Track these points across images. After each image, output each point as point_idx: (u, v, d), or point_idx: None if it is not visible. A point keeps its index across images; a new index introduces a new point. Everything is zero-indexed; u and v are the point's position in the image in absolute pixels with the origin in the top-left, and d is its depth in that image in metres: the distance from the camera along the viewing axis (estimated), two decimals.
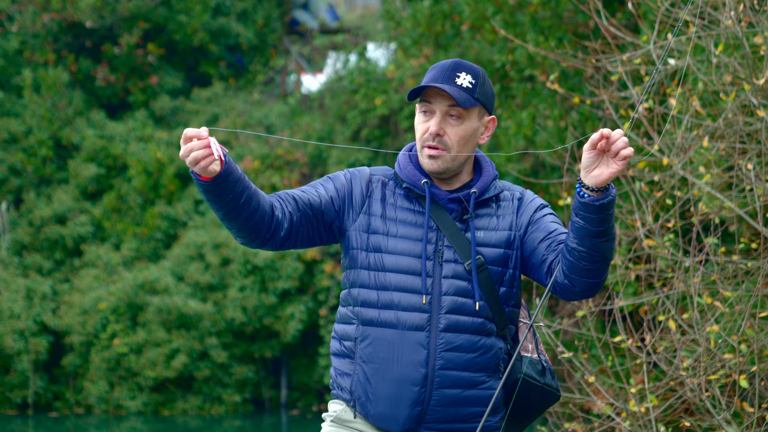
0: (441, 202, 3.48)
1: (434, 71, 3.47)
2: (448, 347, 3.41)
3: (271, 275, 15.54)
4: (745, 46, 5.81)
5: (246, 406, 15.87)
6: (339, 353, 3.53)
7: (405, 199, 3.51)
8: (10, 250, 16.40)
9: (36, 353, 15.30)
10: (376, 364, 3.43)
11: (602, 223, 3.23)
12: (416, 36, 13.39)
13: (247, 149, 17.09)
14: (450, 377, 3.41)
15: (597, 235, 3.25)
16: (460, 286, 3.43)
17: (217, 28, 18.52)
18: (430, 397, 3.41)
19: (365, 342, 3.45)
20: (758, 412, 5.68)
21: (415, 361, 3.40)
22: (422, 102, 3.48)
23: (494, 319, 3.46)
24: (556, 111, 10.38)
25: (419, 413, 3.42)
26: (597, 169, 3.20)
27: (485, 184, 3.51)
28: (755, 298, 5.61)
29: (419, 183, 3.49)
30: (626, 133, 3.22)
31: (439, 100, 3.45)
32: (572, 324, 7.24)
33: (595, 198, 3.21)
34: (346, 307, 3.53)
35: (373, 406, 3.45)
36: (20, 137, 17.14)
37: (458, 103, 3.42)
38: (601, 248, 3.28)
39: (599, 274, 3.34)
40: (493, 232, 3.48)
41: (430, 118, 3.46)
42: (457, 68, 3.45)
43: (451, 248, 3.45)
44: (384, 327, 3.43)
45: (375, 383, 3.43)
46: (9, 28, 17.72)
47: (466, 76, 3.45)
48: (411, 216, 3.48)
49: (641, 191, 6.66)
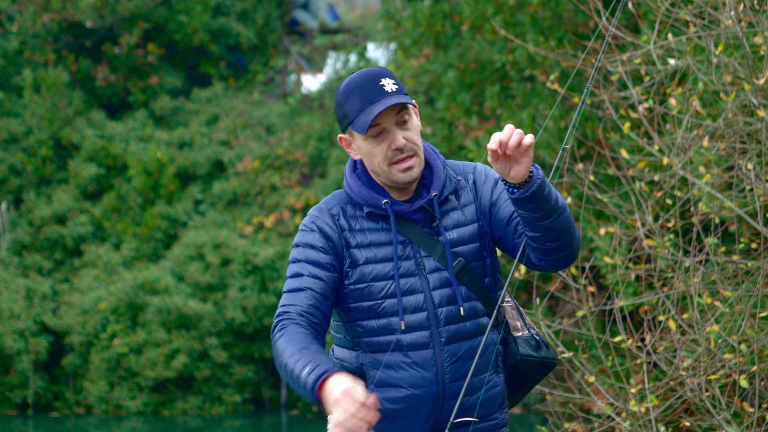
0: (407, 216, 3.40)
1: (359, 93, 3.33)
2: (454, 359, 3.38)
3: (271, 275, 15.54)
4: (745, 46, 5.81)
5: (246, 406, 15.87)
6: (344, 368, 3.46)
7: (369, 221, 3.42)
8: (10, 250, 16.40)
9: (36, 353, 15.31)
10: (382, 389, 3.38)
11: (541, 207, 3.22)
12: (416, 36, 13.38)
13: (247, 149, 17.09)
14: (459, 387, 3.38)
15: (543, 218, 3.24)
16: (450, 294, 3.39)
17: (217, 28, 18.53)
18: (442, 410, 3.40)
19: (368, 366, 3.40)
20: (758, 412, 5.68)
21: (424, 379, 3.38)
22: (370, 128, 3.33)
23: (487, 312, 3.43)
24: (556, 111, 10.38)
25: (433, 424, 3.42)
26: (512, 170, 3.17)
27: (441, 182, 3.43)
28: (755, 298, 5.61)
29: (380, 204, 3.40)
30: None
31: (387, 116, 3.33)
32: (572, 324, 7.24)
33: (523, 191, 3.19)
34: (341, 334, 3.47)
35: (386, 428, 3.40)
36: (20, 137, 17.15)
37: (407, 103, 3.32)
38: (555, 225, 3.26)
39: (567, 245, 3.32)
40: (464, 228, 3.43)
41: (384, 136, 3.34)
42: (377, 79, 3.34)
43: (429, 257, 3.39)
44: (388, 351, 3.38)
45: (385, 405, 3.38)
46: (9, 28, 17.73)
47: (388, 81, 3.35)
48: (383, 236, 3.40)
49: (641, 191, 6.66)
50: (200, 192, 17.02)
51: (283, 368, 3.21)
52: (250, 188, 16.78)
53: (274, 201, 16.51)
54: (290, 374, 3.17)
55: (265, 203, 16.56)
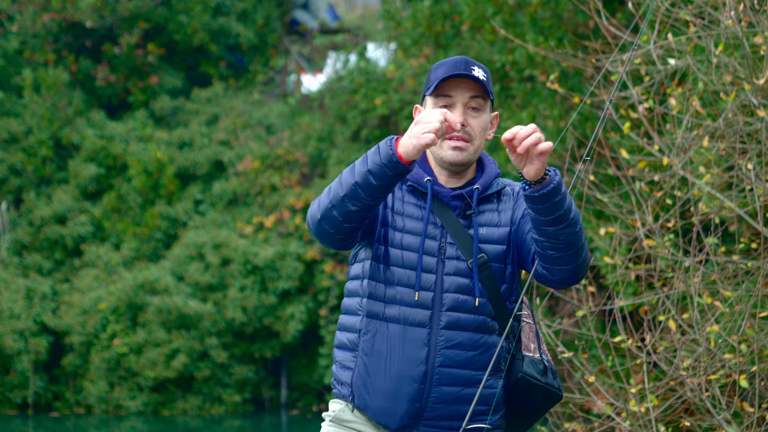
0: (444, 199, 3.49)
1: (447, 65, 3.45)
2: (449, 344, 3.42)
3: (271, 275, 15.54)
4: (745, 46, 5.81)
5: (246, 406, 15.87)
6: (341, 346, 3.54)
7: (411, 195, 3.51)
8: (10, 250, 16.40)
9: (36, 353, 15.30)
10: (377, 357, 3.44)
11: (551, 211, 3.25)
12: (416, 36, 13.38)
13: (247, 149, 17.09)
14: (449, 375, 3.42)
15: (550, 223, 3.27)
16: (461, 283, 3.44)
17: (217, 28, 18.53)
18: (429, 393, 3.42)
19: (368, 335, 3.46)
20: (758, 412, 5.67)
21: (415, 357, 3.41)
22: (440, 97, 3.45)
23: (496, 316, 3.47)
24: (556, 111, 10.38)
25: (417, 409, 3.43)
26: (525, 166, 3.23)
27: (488, 181, 3.52)
28: (755, 298, 5.61)
29: (422, 180, 3.49)
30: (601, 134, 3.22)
31: (461, 92, 3.45)
32: (572, 324, 7.24)
33: (535, 189, 3.24)
34: (354, 298, 3.52)
35: (372, 399, 3.45)
36: (20, 137, 17.14)
37: (485, 91, 3.44)
38: (560, 235, 3.29)
39: (569, 260, 3.34)
40: (496, 229, 3.49)
41: (450, 111, 3.44)
42: (469, 62, 3.45)
43: (453, 245, 3.45)
44: (388, 321, 3.44)
45: (375, 376, 3.44)
46: (9, 28, 17.72)
47: (479, 70, 3.46)
48: (417, 211, 3.48)
49: (641, 191, 6.66)
50: (200, 192, 17.02)
51: (343, 184, 3.29)
52: (250, 188, 16.78)
53: (274, 201, 16.51)
54: (355, 173, 3.27)
55: (265, 203, 16.56)
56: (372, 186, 3.26)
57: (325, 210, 3.34)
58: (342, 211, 3.31)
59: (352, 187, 3.27)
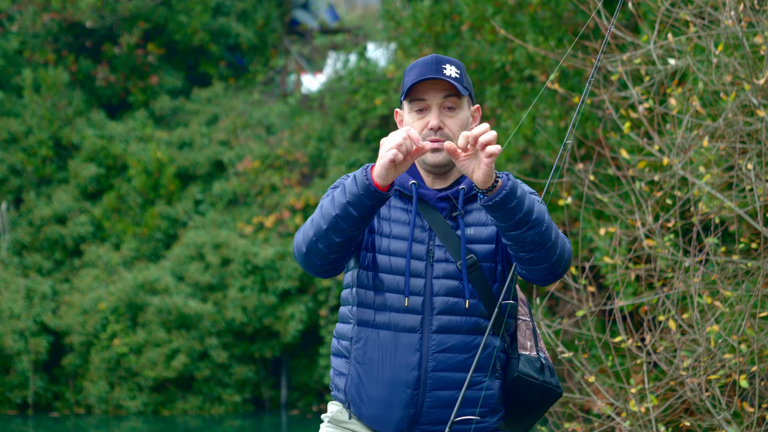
0: (431, 202, 3.46)
1: (418, 68, 3.43)
2: (441, 348, 3.39)
3: (271, 275, 15.53)
4: (745, 46, 5.81)
5: (246, 406, 15.86)
6: (337, 353, 3.54)
7: (398, 199, 3.49)
8: (10, 250, 16.40)
9: (36, 353, 15.30)
10: (369, 365, 3.43)
11: (509, 217, 3.23)
12: (416, 36, 13.39)
13: (247, 149, 17.09)
14: (443, 379, 3.40)
15: (512, 228, 3.25)
16: (451, 285, 3.41)
17: (217, 28, 18.53)
18: (423, 399, 3.40)
19: (360, 343, 3.45)
20: (758, 412, 5.67)
21: (407, 363, 3.39)
22: (414, 101, 3.44)
23: (489, 316, 3.44)
24: (556, 111, 10.38)
25: (412, 415, 3.41)
26: (474, 172, 3.21)
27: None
28: (755, 298, 5.61)
29: (407, 184, 3.47)
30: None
31: (433, 94, 3.43)
32: (572, 324, 7.24)
33: (488, 198, 3.22)
34: (346, 306, 3.52)
35: (366, 407, 3.44)
36: (20, 137, 17.14)
37: (457, 91, 3.40)
38: (525, 238, 3.26)
39: (543, 260, 3.31)
40: (484, 228, 3.46)
41: (425, 114, 3.44)
42: (440, 61, 3.43)
43: (442, 247, 3.42)
44: (378, 329, 3.42)
45: (368, 385, 3.43)
46: (9, 28, 17.72)
47: (450, 67, 3.42)
48: (404, 215, 3.46)
49: (641, 191, 6.66)
50: (200, 192, 17.02)
51: (324, 217, 3.30)
52: (250, 188, 16.78)
53: (274, 201, 16.51)
54: (335, 205, 3.27)
55: (265, 203, 16.56)
56: (353, 217, 3.26)
57: (309, 243, 3.34)
58: (327, 244, 3.31)
59: (333, 219, 3.28)
